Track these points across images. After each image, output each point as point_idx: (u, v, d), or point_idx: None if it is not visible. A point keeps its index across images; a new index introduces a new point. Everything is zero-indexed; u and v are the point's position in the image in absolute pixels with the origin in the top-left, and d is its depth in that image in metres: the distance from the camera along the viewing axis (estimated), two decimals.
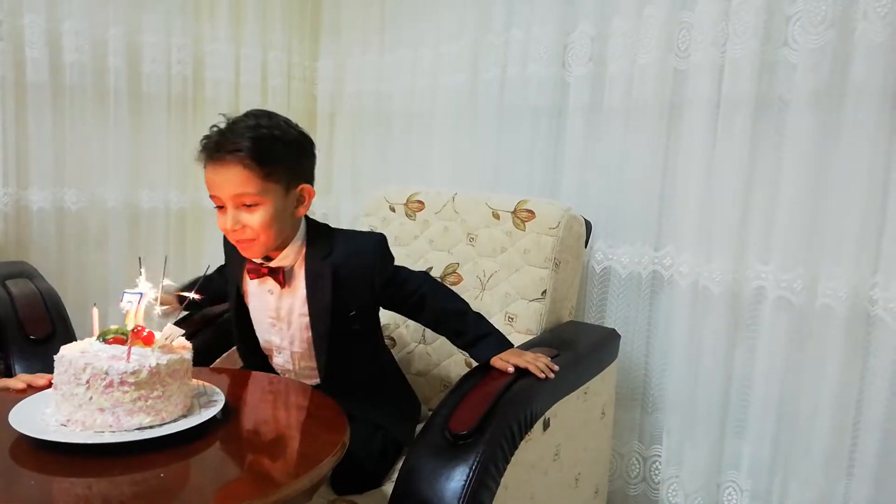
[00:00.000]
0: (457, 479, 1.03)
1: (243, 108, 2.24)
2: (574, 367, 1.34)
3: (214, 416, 0.91)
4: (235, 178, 1.11)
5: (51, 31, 1.92)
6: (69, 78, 1.96)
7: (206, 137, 1.16)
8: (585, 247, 1.60)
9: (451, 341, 1.31)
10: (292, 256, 1.23)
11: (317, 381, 1.29)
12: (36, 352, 1.32)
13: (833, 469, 1.35)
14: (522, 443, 1.13)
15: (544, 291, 1.49)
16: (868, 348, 1.32)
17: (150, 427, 0.85)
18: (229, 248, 1.30)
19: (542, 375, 1.18)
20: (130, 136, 2.10)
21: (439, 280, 1.33)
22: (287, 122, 1.21)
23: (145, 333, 0.89)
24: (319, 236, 1.25)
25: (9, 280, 1.55)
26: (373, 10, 2.25)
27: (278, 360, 1.32)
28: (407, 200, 1.72)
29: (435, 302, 1.28)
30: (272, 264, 1.22)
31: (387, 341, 1.65)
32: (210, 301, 1.43)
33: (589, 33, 1.67)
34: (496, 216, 1.57)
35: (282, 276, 1.22)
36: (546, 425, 1.21)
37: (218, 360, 1.40)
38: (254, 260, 1.23)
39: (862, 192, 1.29)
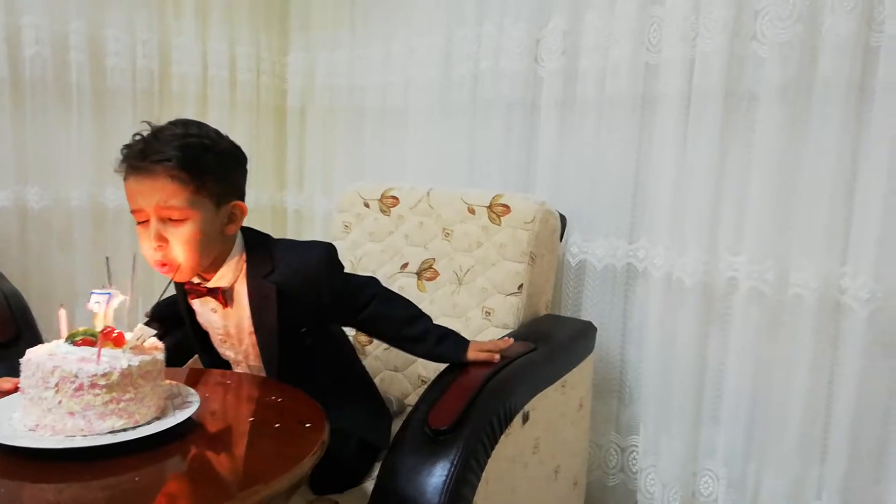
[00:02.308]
0: (438, 475, 1.02)
1: (212, 103, 2.26)
2: (552, 360, 1.34)
3: (189, 417, 0.89)
4: (161, 189, 1.03)
5: (9, 24, 1.85)
6: (30, 72, 1.89)
7: (128, 146, 1.07)
8: (560, 240, 1.60)
9: (410, 351, 1.26)
10: (230, 275, 1.14)
11: None
12: (1, 356, 1.27)
13: (806, 455, 1.38)
14: (502, 436, 1.13)
15: (521, 285, 1.49)
16: (838, 336, 1.34)
17: (123, 430, 0.82)
18: None
19: (509, 343, 1.25)
20: (95, 132, 2.03)
21: (391, 289, 1.29)
22: (217, 132, 1.13)
23: (115, 334, 0.87)
24: (260, 252, 1.16)
25: None
26: (343, 4, 2.23)
27: (238, 369, 1.27)
28: (381, 196, 1.71)
29: (389, 312, 1.22)
30: (209, 285, 1.14)
31: (361, 338, 1.64)
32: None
33: (561, 27, 1.67)
34: (471, 211, 1.57)
35: (221, 297, 1.14)
36: (525, 418, 1.22)
37: (191, 360, 1.37)
38: (192, 280, 1.15)
39: (830, 183, 1.31)
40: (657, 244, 1.56)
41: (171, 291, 1.19)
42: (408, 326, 1.22)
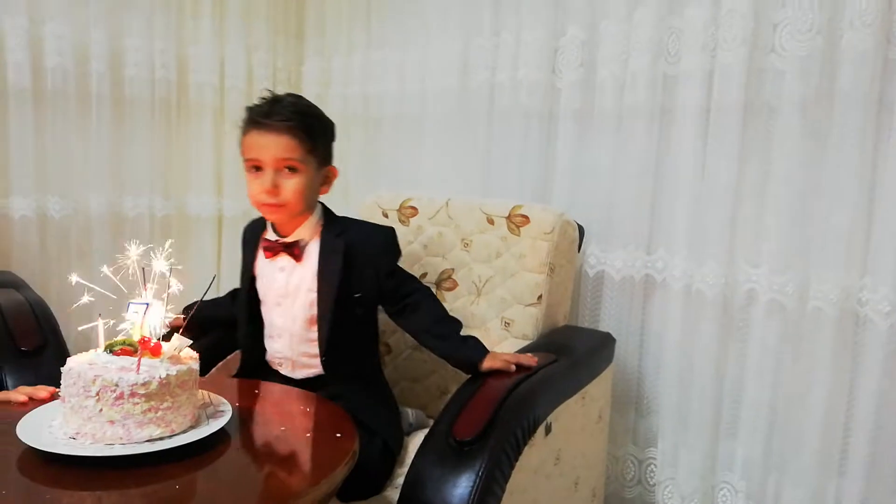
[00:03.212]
0: (463, 486, 1.03)
1: (229, 112, 2.28)
2: (573, 372, 1.35)
3: (222, 427, 0.90)
4: (283, 143, 1.21)
5: (32, 34, 1.88)
6: (51, 83, 1.93)
7: (254, 106, 1.26)
8: (578, 251, 1.61)
9: (433, 347, 1.33)
10: (309, 232, 1.30)
11: (315, 370, 1.31)
12: (28, 364, 1.28)
13: (825, 468, 1.37)
14: (526, 448, 1.14)
15: (540, 296, 1.49)
16: (858, 350, 1.34)
17: (160, 439, 0.84)
18: (247, 237, 1.40)
19: (533, 362, 1.25)
20: (114, 142, 2.07)
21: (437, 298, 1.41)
22: (316, 106, 1.32)
23: (153, 344, 0.88)
24: (334, 218, 1.35)
25: None
26: (358, 14, 2.25)
27: (277, 346, 1.34)
28: (400, 206, 1.72)
29: (428, 306, 1.34)
30: (289, 239, 1.29)
31: (381, 348, 1.64)
32: (216, 324, 1.45)
33: (579, 38, 1.68)
34: (490, 221, 1.58)
35: (297, 250, 1.28)
36: (548, 430, 1.22)
37: (215, 367, 1.38)
38: (269, 238, 1.31)
39: (850, 196, 1.32)
40: (676, 255, 1.56)
41: (211, 295, 1.31)
42: (439, 324, 1.32)
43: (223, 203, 2.32)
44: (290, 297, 1.31)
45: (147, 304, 0.89)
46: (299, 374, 1.34)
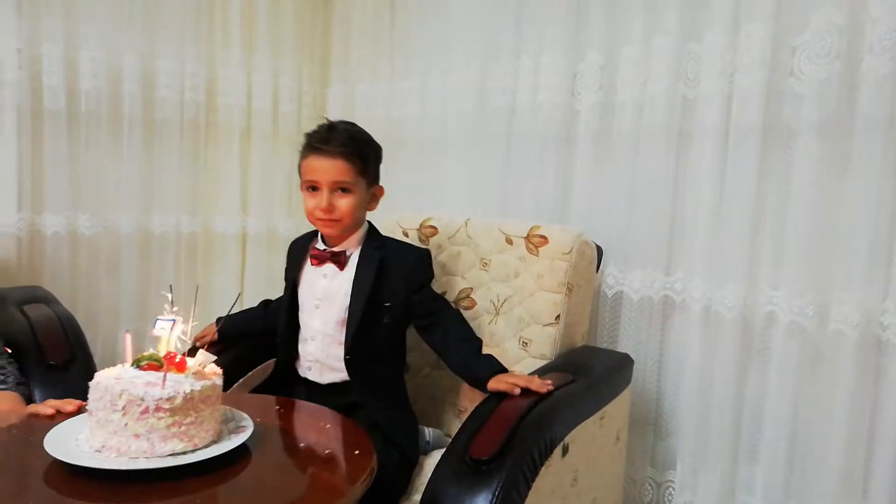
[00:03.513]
0: None
1: (255, 135, 2.33)
2: (591, 392, 1.35)
3: (243, 442, 0.92)
4: (339, 167, 1.34)
5: (68, 58, 1.95)
6: (85, 105, 1.99)
7: (313, 133, 1.39)
8: (597, 272, 1.62)
9: (451, 363, 1.41)
10: (354, 244, 1.42)
11: (341, 374, 1.39)
12: (56, 378, 1.32)
13: (847, 493, 1.36)
14: (543, 468, 1.14)
15: (558, 316, 1.50)
16: (879, 373, 1.33)
17: (183, 453, 0.86)
18: (294, 250, 1.52)
19: (544, 389, 1.23)
20: (144, 162, 2.12)
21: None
22: (367, 132, 1.45)
23: (178, 359, 0.91)
24: (377, 234, 1.48)
25: (25, 305, 1.56)
26: (382, 38, 2.30)
27: (310, 349, 1.43)
28: (420, 225, 1.74)
29: (455, 325, 1.42)
30: (336, 249, 1.41)
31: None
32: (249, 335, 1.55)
33: (598, 62, 1.71)
34: (509, 241, 1.59)
35: (343, 258, 1.40)
36: (565, 450, 1.22)
37: (237, 383, 1.41)
38: (318, 248, 1.43)
39: (870, 218, 1.31)
40: (695, 277, 1.56)
41: (238, 308, 1.46)
42: (460, 342, 1.40)
43: (248, 221, 2.37)
44: (329, 300, 1.41)
45: (174, 320, 0.92)
46: (326, 379, 1.41)
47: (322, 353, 1.41)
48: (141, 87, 2.08)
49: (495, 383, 1.27)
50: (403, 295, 1.41)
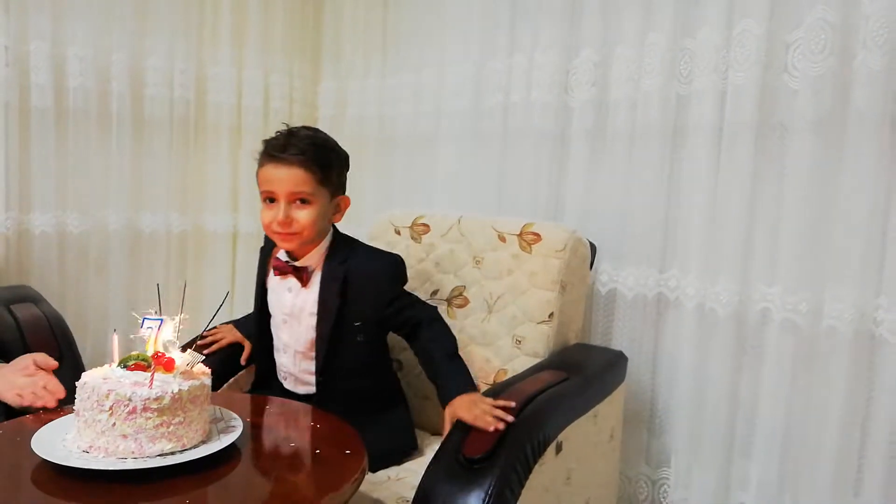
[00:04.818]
0: None
1: (245, 132, 2.31)
2: (584, 390, 1.34)
3: (232, 442, 0.91)
4: (296, 177, 1.25)
5: (55, 56, 1.93)
6: (73, 102, 1.97)
7: (271, 140, 1.30)
8: (591, 269, 1.61)
9: (425, 368, 1.35)
10: (316, 258, 1.34)
11: (314, 388, 1.35)
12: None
13: (840, 489, 1.36)
14: (536, 466, 1.13)
15: (551, 314, 1.49)
16: (873, 369, 1.33)
17: (172, 453, 0.85)
18: (262, 254, 1.44)
19: (491, 428, 1.10)
20: (132, 160, 2.10)
21: (441, 318, 1.40)
22: (333, 139, 1.37)
23: (165, 359, 0.89)
24: (342, 245, 1.37)
25: (13, 305, 1.54)
26: (374, 34, 2.28)
27: (283, 360, 1.39)
28: (412, 223, 1.73)
29: (426, 334, 1.34)
30: (298, 263, 1.33)
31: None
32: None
33: (592, 59, 1.70)
34: (502, 239, 1.58)
35: (305, 275, 1.32)
36: (559, 448, 1.22)
37: (226, 384, 1.39)
38: (280, 258, 1.35)
39: (864, 215, 1.31)
40: (689, 274, 1.56)
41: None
42: (433, 353, 1.32)
43: (238, 219, 2.35)
44: (295, 317, 1.36)
45: (161, 319, 0.90)
46: (301, 390, 1.38)
47: (295, 367, 1.38)
48: (129, 84, 2.06)
49: (448, 413, 1.19)
50: (374, 312, 1.34)
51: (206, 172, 2.27)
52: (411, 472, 1.33)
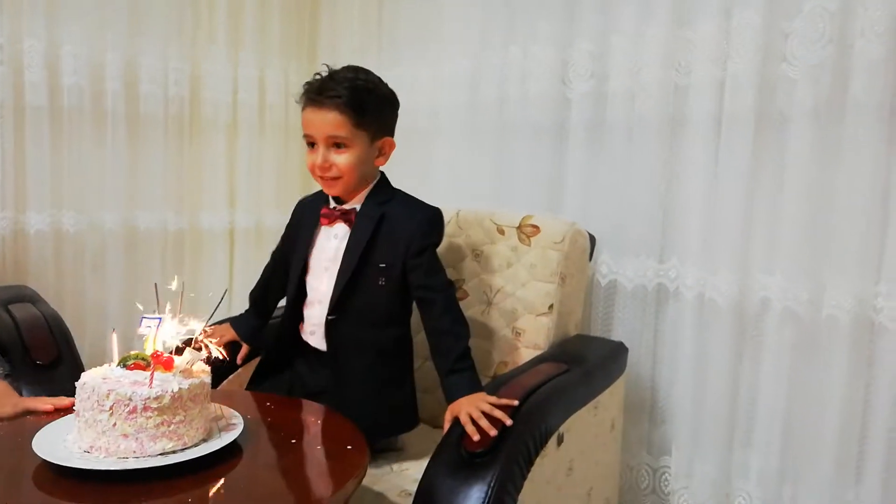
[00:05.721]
0: (475, 498, 1.02)
1: (241, 128, 2.30)
2: (585, 382, 1.34)
3: (234, 440, 0.90)
4: (332, 121, 1.24)
5: (50, 54, 1.91)
6: (67, 100, 1.95)
7: (309, 83, 1.28)
8: (590, 260, 1.61)
9: (433, 359, 1.30)
10: (360, 201, 1.33)
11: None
12: (43, 378, 1.30)
13: (841, 477, 1.36)
14: (538, 458, 1.13)
15: (551, 306, 1.49)
16: (873, 357, 1.33)
17: (173, 452, 0.84)
18: (300, 211, 1.44)
19: (477, 437, 1.08)
20: (128, 158, 2.09)
21: (457, 302, 1.35)
22: (380, 80, 1.34)
23: (165, 358, 0.89)
24: (385, 188, 1.37)
25: (11, 304, 1.53)
26: (370, 28, 2.27)
27: (315, 312, 1.35)
28: None
29: (442, 313, 1.29)
30: (346, 206, 1.33)
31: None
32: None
33: (590, 50, 1.69)
34: (501, 232, 1.58)
35: (353, 217, 1.32)
36: (560, 440, 1.22)
37: (226, 380, 1.39)
38: (329, 206, 1.34)
39: (863, 203, 1.31)
40: (688, 264, 1.56)
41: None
42: (446, 338, 1.28)
43: (235, 217, 2.34)
44: (337, 261, 1.32)
45: (160, 318, 0.90)
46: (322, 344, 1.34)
47: (322, 317, 1.33)
48: (124, 82, 2.04)
49: (449, 413, 1.17)
50: (402, 257, 1.30)
51: (202, 170, 2.25)
52: (413, 465, 1.33)
